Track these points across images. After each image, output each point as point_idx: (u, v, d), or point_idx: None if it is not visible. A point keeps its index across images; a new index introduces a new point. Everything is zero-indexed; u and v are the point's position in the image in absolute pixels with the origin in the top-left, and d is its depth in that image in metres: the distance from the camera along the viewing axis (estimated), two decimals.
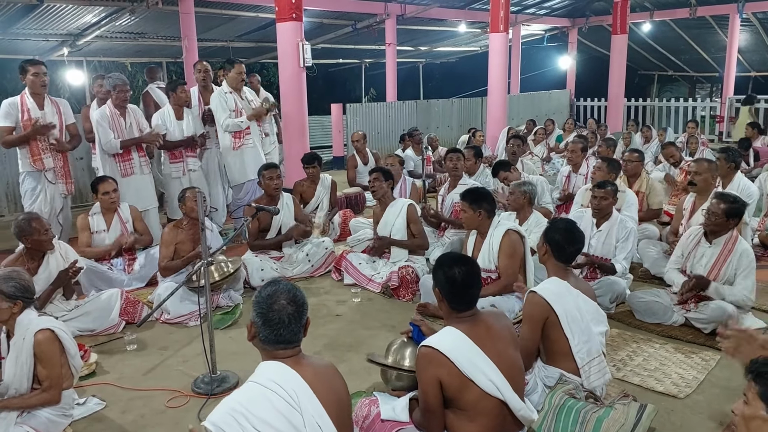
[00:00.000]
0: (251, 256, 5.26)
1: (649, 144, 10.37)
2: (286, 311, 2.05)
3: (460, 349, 2.36)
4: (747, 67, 17.21)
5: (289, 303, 2.07)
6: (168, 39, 12.59)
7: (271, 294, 2.08)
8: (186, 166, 6.15)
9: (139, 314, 4.41)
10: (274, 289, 2.10)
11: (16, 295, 2.94)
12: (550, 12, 16.60)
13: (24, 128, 5.23)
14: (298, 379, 2.01)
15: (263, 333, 2.06)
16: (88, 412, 3.26)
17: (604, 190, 4.60)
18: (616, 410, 2.80)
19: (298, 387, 1.99)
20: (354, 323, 4.39)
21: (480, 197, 4.23)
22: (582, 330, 2.93)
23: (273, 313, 2.04)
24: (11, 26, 10.66)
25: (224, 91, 6.25)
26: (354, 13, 13.05)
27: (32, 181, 5.38)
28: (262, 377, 2.01)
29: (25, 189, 5.42)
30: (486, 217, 4.21)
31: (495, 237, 4.17)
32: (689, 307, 4.12)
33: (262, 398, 1.95)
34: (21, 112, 5.23)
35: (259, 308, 2.07)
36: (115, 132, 5.62)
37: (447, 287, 2.48)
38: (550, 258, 3.12)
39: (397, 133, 11.57)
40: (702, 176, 4.97)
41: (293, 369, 2.03)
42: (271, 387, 1.97)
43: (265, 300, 2.07)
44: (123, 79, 5.70)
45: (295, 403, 1.96)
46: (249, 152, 6.39)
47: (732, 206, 3.94)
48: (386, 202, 5.23)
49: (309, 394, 1.99)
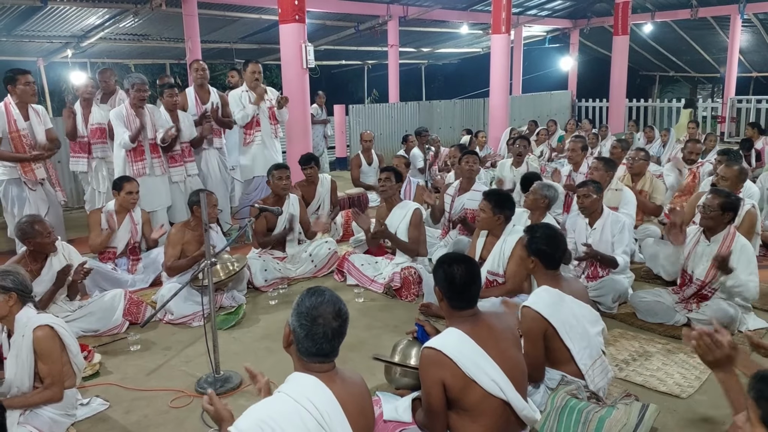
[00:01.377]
0: (255, 256, 5.28)
1: (651, 144, 10.37)
2: (330, 326, 2.00)
3: (463, 350, 2.36)
4: (748, 68, 17.21)
5: (334, 318, 2.01)
6: (171, 41, 12.63)
7: (317, 306, 2.01)
8: (186, 171, 6.14)
9: (143, 315, 4.43)
10: (320, 300, 2.02)
11: (9, 287, 2.94)
12: (552, 13, 16.61)
13: (12, 139, 5.19)
14: (331, 398, 1.96)
15: (303, 345, 2.00)
16: (92, 412, 3.27)
17: (585, 188, 4.62)
18: (619, 410, 2.81)
19: (331, 408, 1.94)
20: (356, 324, 4.39)
21: (505, 202, 4.26)
22: (580, 335, 2.92)
23: (317, 326, 1.98)
24: (15, 28, 10.71)
25: (242, 89, 6.39)
26: (356, 15, 13.08)
27: (15, 188, 5.36)
28: (296, 392, 1.95)
29: (8, 197, 5.39)
30: (504, 222, 4.25)
31: (508, 243, 4.17)
32: (691, 308, 4.13)
33: (294, 415, 1.89)
34: (7, 123, 5.18)
35: (303, 319, 2.00)
36: (131, 131, 5.62)
37: (447, 285, 2.48)
38: (539, 268, 3.06)
39: (399, 134, 11.58)
40: (728, 182, 4.89)
41: (328, 387, 1.98)
42: (304, 404, 1.91)
43: (310, 311, 2.00)
44: (142, 78, 5.71)
45: (326, 425, 1.91)
46: (258, 148, 6.45)
47: (727, 200, 3.98)
48: (393, 202, 5.25)
49: (341, 418, 1.95)
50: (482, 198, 4.38)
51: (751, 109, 14.66)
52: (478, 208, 4.39)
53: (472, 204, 5.68)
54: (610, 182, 5.40)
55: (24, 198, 5.37)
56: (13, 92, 5.23)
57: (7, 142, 5.22)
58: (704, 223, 4.07)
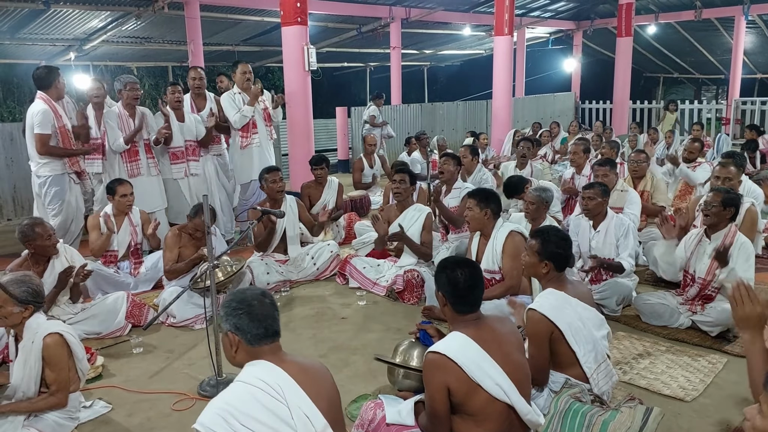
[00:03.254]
0: (257, 259, 5.27)
1: (655, 146, 10.35)
2: (265, 304, 2.10)
3: (467, 354, 2.35)
4: (753, 69, 17.17)
5: (263, 296, 2.13)
6: (174, 43, 12.67)
7: (242, 294, 2.13)
8: (188, 169, 6.14)
9: (145, 317, 4.43)
10: (242, 290, 2.17)
11: (28, 300, 2.93)
12: (555, 15, 16.61)
13: (60, 134, 5.29)
14: (283, 374, 2.03)
15: (250, 331, 2.06)
16: (95, 415, 3.27)
17: (591, 190, 4.60)
18: (623, 413, 2.79)
19: (283, 381, 2.01)
20: (359, 326, 4.39)
21: (488, 196, 4.25)
22: (586, 339, 2.90)
23: (254, 308, 2.07)
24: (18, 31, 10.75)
25: (234, 92, 6.41)
26: (359, 17, 13.09)
27: (58, 184, 5.41)
28: (246, 376, 2.04)
29: (50, 193, 5.41)
30: (492, 217, 4.22)
31: (498, 238, 4.17)
32: (695, 310, 4.12)
33: (247, 396, 1.97)
34: (55, 119, 5.27)
35: (239, 310, 2.08)
36: (124, 132, 5.66)
37: (450, 290, 2.47)
38: (551, 272, 3.01)
39: (401, 136, 11.58)
40: (733, 182, 4.94)
41: (278, 366, 2.05)
42: (256, 384, 1.99)
43: (241, 301, 2.09)
44: (133, 78, 5.76)
45: (280, 396, 1.98)
46: (256, 151, 6.47)
47: (728, 195, 4.04)
48: (405, 204, 5.26)
49: (294, 387, 2.02)
50: (467, 197, 4.40)
51: (756, 111, 14.63)
52: (466, 207, 4.39)
53: (454, 201, 5.79)
54: (616, 183, 5.40)
55: (64, 192, 5.42)
56: (54, 89, 5.31)
57: (56, 137, 5.30)
58: (706, 220, 4.10)
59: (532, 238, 3.12)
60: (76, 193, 5.59)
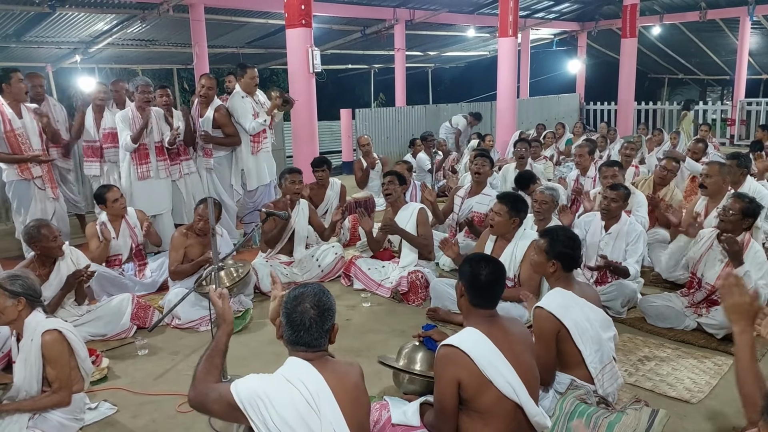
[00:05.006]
0: (261, 261, 5.28)
1: (659, 148, 10.31)
2: (308, 315, 2.08)
3: (480, 350, 2.36)
4: (758, 70, 17.10)
5: (312, 307, 2.09)
6: (179, 46, 12.70)
7: (298, 296, 2.12)
8: (181, 170, 6.10)
9: (150, 319, 4.43)
10: (302, 291, 2.14)
11: (18, 291, 2.94)
12: (559, 16, 16.58)
13: (7, 139, 5.17)
14: (322, 382, 2.03)
15: (286, 333, 2.12)
16: (100, 416, 3.28)
17: (616, 192, 4.56)
18: (628, 415, 2.78)
19: (322, 390, 2.01)
20: (364, 328, 4.39)
21: (521, 205, 4.24)
22: (592, 339, 2.90)
23: (296, 314, 2.08)
24: (25, 34, 10.80)
25: (241, 95, 6.29)
26: (363, 19, 13.10)
27: (21, 188, 5.36)
28: (290, 373, 2.05)
29: (14, 197, 5.39)
30: (517, 225, 4.24)
31: (520, 247, 4.16)
32: (701, 313, 4.09)
33: (286, 394, 1.99)
34: (2, 122, 5.16)
35: (285, 308, 2.12)
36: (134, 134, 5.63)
37: (470, 280, 2.49)
38: (558, 272, 3.02)
39: (406, 137, 11.57)
40: (713, 179, 4.88)
41: (319, 372, 2.05)
42: (297, 386, 2.00)
43: (291, 301, 2.11)
44: (147, 81, 5.74)
45: (315, 406, 1.98)
46: (265, 156, 6.46)
47: (749, 205, 3.90)
48: (398, 205, 5.26)
49: (332, 402, 2.01)
50: (497, 201, 4.32)
51: (761, 112, 14.57)
52: (493, 211, 4.33)
53: (481, 207, 5.67)
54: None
55: (30, 197, 5.36)
56: (7, 91, 5.21)
57: (2, 141, 5.19)
58: (722, 226, 3.96)
59: (541, 237, 3.14)
60: (43, 200, 5.43)
